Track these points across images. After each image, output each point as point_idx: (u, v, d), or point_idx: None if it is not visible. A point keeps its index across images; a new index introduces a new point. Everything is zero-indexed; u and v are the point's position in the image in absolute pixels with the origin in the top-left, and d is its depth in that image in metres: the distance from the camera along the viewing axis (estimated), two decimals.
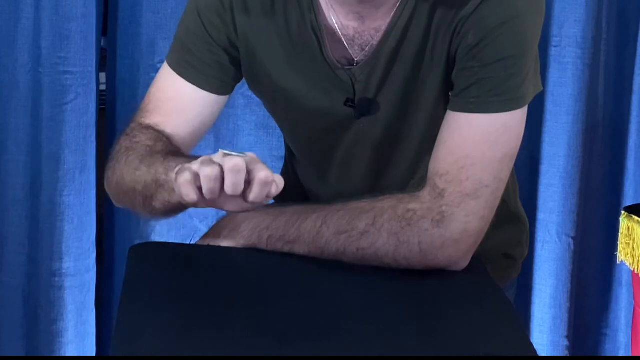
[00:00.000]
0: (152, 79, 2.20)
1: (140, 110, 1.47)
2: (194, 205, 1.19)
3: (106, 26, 2.29)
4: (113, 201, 1.46)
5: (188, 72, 1.44)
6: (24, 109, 2.20)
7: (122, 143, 1.41)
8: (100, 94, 2.29)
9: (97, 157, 2.28)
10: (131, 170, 1.35)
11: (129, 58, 2.26)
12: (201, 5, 1.43)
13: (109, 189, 1.44)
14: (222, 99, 1.46)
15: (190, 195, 1.15)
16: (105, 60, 2.31)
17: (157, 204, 1.29)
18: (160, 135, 1.40)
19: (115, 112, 2.30)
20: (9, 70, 2.18)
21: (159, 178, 1.28)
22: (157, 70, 2.21)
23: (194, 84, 1.44)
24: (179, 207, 1.29)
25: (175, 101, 1.45)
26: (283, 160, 1.67)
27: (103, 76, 2.32)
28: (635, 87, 2.51)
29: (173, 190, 1.23)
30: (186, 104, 1.44)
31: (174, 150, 1.37)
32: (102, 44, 2.30)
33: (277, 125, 1.57)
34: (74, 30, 2.17)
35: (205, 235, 1.42)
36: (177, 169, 1.21)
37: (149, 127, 1.42)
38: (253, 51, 1.43)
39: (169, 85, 1.46)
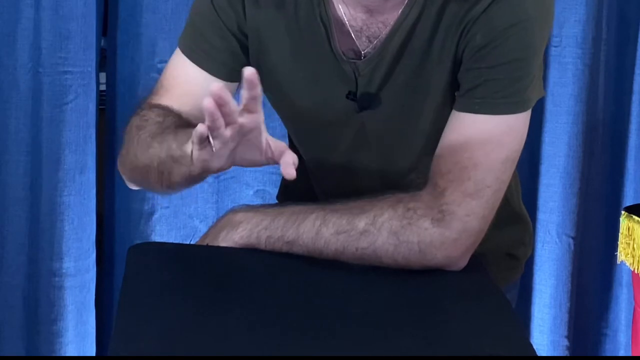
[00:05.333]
0: (152, 79, 2.23)
1: (151, 94, 1.48)
2: (220, 169, 1.22)
3: (106, 26, 2.29)
4: (128, 183, 1.47)
5: (199, 57, 1.45)
6: (24, 109, 2.20)
7: (133, 123, 1.42)
8: (100, 94, 2.29)
9: (97, 157, 2.28)
10: (143, 148, 1.35)
11: (129, 58, 2.26)
12: None
13: (122, 169, 1.44)
14: (231, 85, 1.46)
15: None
16: (105, 60, 2.31)
17: (177, 177, 1.30)
18: (168, 111, 1.41)
19: (115, 112, 2.30)
20: (9, 70, 2.18)
21: (173, 154, 1.28)
22: (157, 70, 2.23)
23: (204, 69, 1.44)
24: (201, 176, 1.29)
25: (186, 86, 1.45)
26: None
27: (103, 76, 2.32)
28: (635, 87, 2.51)
29: (192, 162, 1.24)
30: (196, 89, 1.44)
31: (184, 124, 1.37)
32: (102, 44, 2.30)
33: (276, 126, 1.57)
34: (74, 30, 2.17)
35: (204, 236, 1.42)
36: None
37: (158, 106, 1.43)
38: (261, 41, 1.43)
39: (180, 70, 1.46)
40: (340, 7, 1.40)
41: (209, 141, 1.18)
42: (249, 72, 1.15)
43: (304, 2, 1.40)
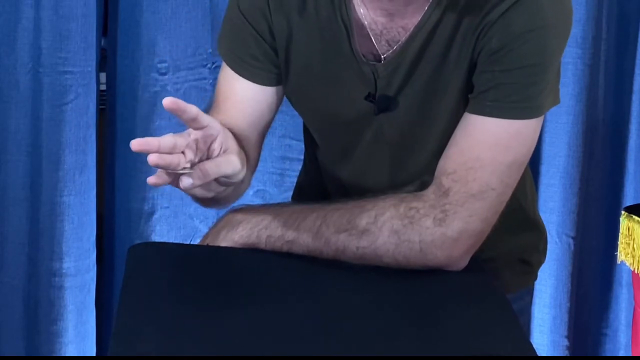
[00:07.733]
0: (152, 79, 2.24)
1: (210, 108, 1.48)
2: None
3: (106, 26, 2.29)
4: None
5: (240, 67, 1.45)
6: (24, 109, 2.20)
7: None
8: (100, 94, 2.29)
9: (97, 157, 2.28)
10: None
11: (129, 58, 2.26)
12: (241, 2, 1.44)
13: None
14: (273, 90, 1.47)
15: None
16: (105, 60, 2.32)
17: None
18: None
19: (115, 112, 2.30)
20: (9, 70, 2.18)
21: None
22: (157, 70, 2.23)
23: (245, 77, 1.45)
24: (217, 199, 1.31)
25: (231, 98, 1.45)
26: (282, 161, 1.68)
27: (103, 76, 2.32)
28: (635, 87, 2.51)
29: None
30: (241, 99, 1.45)
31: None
32: (102, 44, 2.30)
33: (277, 126, 1.57)
34: (74, 30, 2.17)
35: (205, 236, 1.42)
36: None
37: None
38: (287, 45, 1.43)
39: (225, 82, 1.47)
40: (361, 10, 1.39)
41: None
42: (166, 102, 1.15)
43: (324, 4, 1.40)
